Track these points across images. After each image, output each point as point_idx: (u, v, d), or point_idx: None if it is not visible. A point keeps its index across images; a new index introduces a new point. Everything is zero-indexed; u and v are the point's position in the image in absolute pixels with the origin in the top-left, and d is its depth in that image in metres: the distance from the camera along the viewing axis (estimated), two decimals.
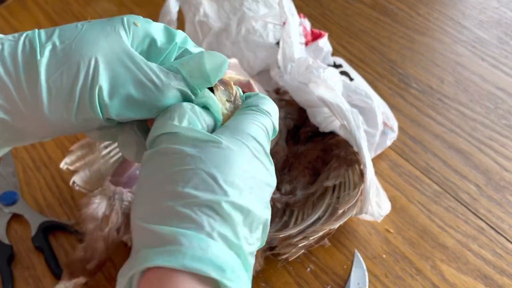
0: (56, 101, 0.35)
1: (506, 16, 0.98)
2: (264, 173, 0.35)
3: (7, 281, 0.65)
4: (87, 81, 0.34)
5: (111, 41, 0.35)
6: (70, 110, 0.35)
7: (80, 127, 0.37)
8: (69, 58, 0.34)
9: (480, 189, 0.73)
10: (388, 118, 0.77)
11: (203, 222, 0.32)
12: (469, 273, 0.64)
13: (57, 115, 0.35)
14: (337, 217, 0.63)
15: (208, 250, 0.31)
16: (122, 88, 0.35)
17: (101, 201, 0.65)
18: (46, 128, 0.36)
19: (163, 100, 0.36)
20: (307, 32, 0.78)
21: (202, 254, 0.31)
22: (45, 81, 0.34)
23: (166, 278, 0.31)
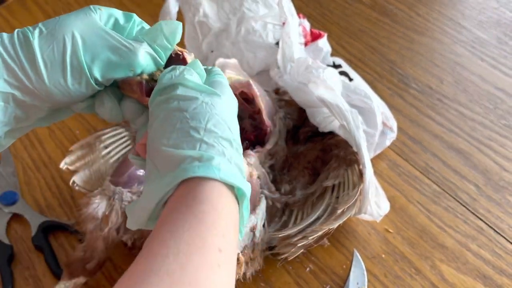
0: (52, 71, 0.44)
1: (505, 16, 0.98)
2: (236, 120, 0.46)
3: (7, 281, 0.65)
4: (74, 50, 0.44)
5: (85, 20, 0.45)
6: (65, 77, 0.44)
7: (77, 94, 0.45)
8: (55, 36, 0.44)
9: (480, 189, 0.73)
10: (388, 118, 0.77)
11: (224, 151, 0.42)
12: (468, 273, 0.64)
13: (56, 84, 0.44)
14: (336, 217, 0.63)
15: (230, 167, 0.41)
16: (101, 53, 0.44)
17: (101, 201, 0.65)
18: (49, 99, 0.44)
19: (136, 60, 0.45)
20: (307, 33, 0.78)
21: (228, 170, 0.41)
22: (41, 57, 0.43)
23: (202, 186, 0.40)
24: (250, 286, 0.64)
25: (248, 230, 0.62)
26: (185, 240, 0.37)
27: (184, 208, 0.39)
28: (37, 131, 0.83)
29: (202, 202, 0.39)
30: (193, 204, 0.39)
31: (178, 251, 0.37)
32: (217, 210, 0.39)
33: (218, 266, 0.37)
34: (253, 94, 0.68)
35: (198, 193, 0.40)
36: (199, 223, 0.38)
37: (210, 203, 0.39)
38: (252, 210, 0.64)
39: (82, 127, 0.83)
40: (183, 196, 0.40)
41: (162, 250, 0.37)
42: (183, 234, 0.37)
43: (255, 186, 0.64)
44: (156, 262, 0.36)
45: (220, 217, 0.40)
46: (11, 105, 0.44)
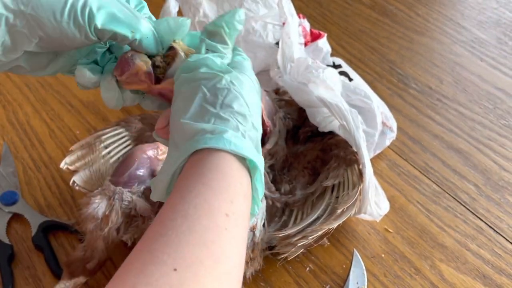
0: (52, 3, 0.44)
1: (505, 16, 0.98)
2: (259, 99, 0.49)
3: (7, 281, 0.65)
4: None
5: None
6: (62, 13, 0.45)
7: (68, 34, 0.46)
8: None
9: (479, 189, 0.73)
10: (387, 118, 0.77)
11: (238, 125, 0.44)
12: (468, 273, 0.65)
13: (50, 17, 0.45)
14: (336, 216, 0.63)
15: (243, 141, 0.43)
16: (108, 8, 0.46)
17: (101, 201, 0.65)
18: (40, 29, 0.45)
19: (139, 25, 0.47)
20: (307, 33, 0.78)
21: (240, 143, 0.43)
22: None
23: (212, 156, 0.42)
24: (250, 286, 0.64)
25: (248, 230, 0.62)
26: (193, 204, 0.39)
27: (194, 176, 0.41)
28: (37, 131, 0.83)
29: (211, 170, 0.41)
30: (202, 172, 0.41)
31: (186, 214, 0.38)
32: (225, 178, 0.41)
33: (226, 229, 0.39)
34: None
35: (207, 162, 0.42)
36: (207, 189, 0.40)
37: (218, 171, 0.41)
38: None
39: (82, 127, 0.83)
40: (194, 166, 0.42)
41: (171, 214, 0.39)
42: (191, 199, 0.39)
43: None
44: (165, 225, 0.38)
45: (229, 185, 0.41)
46: (2, 29, 0.45)
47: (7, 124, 0.84)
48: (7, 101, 0.88)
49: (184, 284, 0.35)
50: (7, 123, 0.84)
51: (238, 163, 0.43)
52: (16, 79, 0.91)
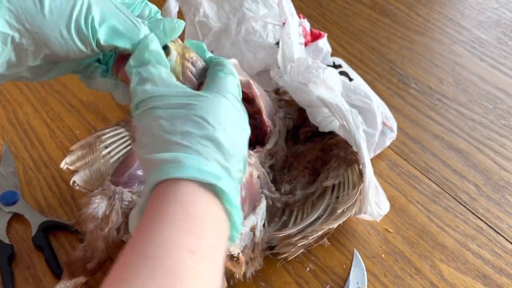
0: (57, 21, 0.45)
1: (505, 16, 0.98)
2: (241, 120, 0.46)
3: (8, 281, 0.65)
4: (82, 11, 0.45)
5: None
6: (68, 30, 0.45)
7: (73, 49, 0.46)
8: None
9: (479, 189, 0.73)
10: (387, 118, 0.77)
11: (199, 149, 0.41)
12: (468, 273, 0.65)
13: (56, 34, 0.45)
14: (336, 216, 0.63)
15: (207, 165, 0.41)
16: (110, 21, 0.46)
17: (101, 201, 0.65)
18: (46, 47, 0.46)
19: (140, 36, 0.47)
20: (307, 33, 0.78)
21: (202, 167, 0.40)
22: (49, 5, 0.44)
23: (172, 187, 0.40)
24: (250, 285, 0.64)
25: (248, 230, 0.62)
26: (154, 243, 0.37)
27: (154, 210, 0.39)
28: (37, 131, 0.83)
29: (170, 202, 0.39)
30: (161, 206, 0.39)
31: (147, 255, 0.36)
32: (185, 209, 0.39)
33: (191, 268, 0.36)
34: (253, 94, 0.68)
35: (167, 194, 0.40)
36: (168, 224, 0.38)
37: (178, 202, 0.39)
38: (252, 210, 0.64)
39: (82, 127, 0.83)
40: (154, 199, 0.40)
41: (133, 255, 0.37)
42: (151, 237, 0.37)
43: (255, 186, 0.64)
44: (126, 268, 0.36)
45: (192, 217, 0.39)
46: (8, 47, 0.46)
47: (7, 124, 0.84)
48: (7, 101, 0.88)
49: None
50: (7, 123, 0.84)
51: (203, 189, 0.40)
52: None
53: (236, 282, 0.63)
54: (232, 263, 0.59)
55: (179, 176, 0.40)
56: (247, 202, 0.62)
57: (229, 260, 0.59)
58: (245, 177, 0.62)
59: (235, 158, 0.43)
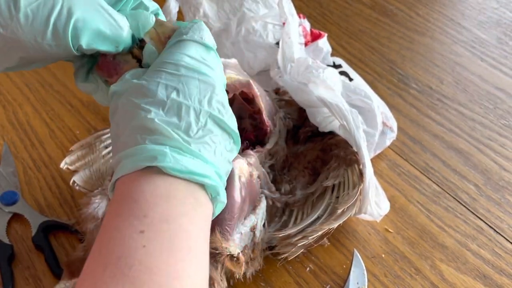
0: (32, 26, 0.43)
1: (505, 16, 0.98)
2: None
3: (8, 281, 0.65)
4: (61, 15, 0.43)
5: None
6: (44, 35, 0.43)
7: (51, 53, 0.45)
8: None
9: (479, 189, 0.73)
10: (388, 118, 0.77)
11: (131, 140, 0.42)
12: (468, 273, 0.65)
13: (31, 39, 0.43)
14: (336, 216, 0.63)
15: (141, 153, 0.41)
16: (93, 23, 0.44)
17: (101, 201, 0.65)
18: (22, 50, 0.44)
19: (123, 37, 0.46)
20: (307, 33, 0.78)
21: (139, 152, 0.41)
22: (24, 9, 0.42)
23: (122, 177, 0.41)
24: (250, 285, 0.64)
25: (248, 230, 0.62)
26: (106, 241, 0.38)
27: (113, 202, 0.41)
28: (37, 131, 0.83)
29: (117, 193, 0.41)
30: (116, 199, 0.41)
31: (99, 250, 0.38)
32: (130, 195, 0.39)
33: (143, 246, 0.36)
34: (253, 94, 0.68)
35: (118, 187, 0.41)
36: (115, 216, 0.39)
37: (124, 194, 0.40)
38: (252, 210, 0.64)
39: (82, 127, 0.83)
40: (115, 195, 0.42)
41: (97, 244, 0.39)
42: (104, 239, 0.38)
43: (255, 186, 0.64)
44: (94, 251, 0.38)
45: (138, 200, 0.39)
46: None
47: (7, 124, 0.84)
48: (7, 101, 0.88)
49: None
50: (7, 123, 0.84)
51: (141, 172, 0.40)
52: (16, 79, 0.91)
53: (236, 282, 0.63)
54: (232, 263, 0.59)
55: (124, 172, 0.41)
56: (247, 202, 0.62)
57: (229, 260, 0.59)
58: (245, 177, 0.62)
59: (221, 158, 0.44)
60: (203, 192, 0.42)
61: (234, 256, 0.59)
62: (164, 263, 0.36)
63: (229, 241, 0.59)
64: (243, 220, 0.62)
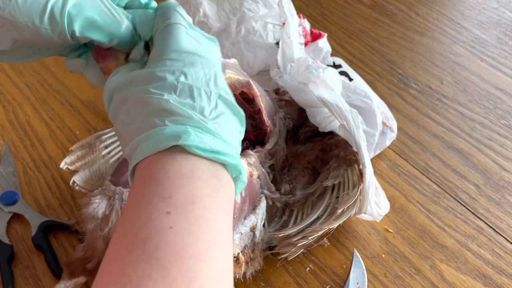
0: (30, 9, 0.43)
1: (505, 16, 0.98)
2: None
3: (7, 281, 0.65)
4: (58, 1, 0.44)
5: None
6: (41, 19, 0.44)
7: (46, 38, 0.45)
8: None
9: (479, 189, 0.73)
10: (388, 118, 0.77)
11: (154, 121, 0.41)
12: (468, 273, 0.65)
13: (28, 22, 0.44)
14: (336, 216, 0.63)
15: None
16: (88, 12, 0.45)
17: (101, 201, 0.65)
18: (17, 32, 0.45)
19: (119, 30, 0.46)
20: (307, 33, 0.78)
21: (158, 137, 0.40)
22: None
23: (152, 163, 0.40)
24: (250, 285, 0.64)
25: (248, 230, 0.62)
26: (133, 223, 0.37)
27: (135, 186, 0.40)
28: (37, 131, 0.83)
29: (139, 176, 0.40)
30: (138, 182, 0.40)
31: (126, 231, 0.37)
32: (153, 177, 0.39)
33: (170, 228, 0.36)
34: (253, 94, 0.68)
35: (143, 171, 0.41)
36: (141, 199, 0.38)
37: (147, 176, 0.39)
38: (252, 210, 0.64)
39: (82, 127, 0.83)
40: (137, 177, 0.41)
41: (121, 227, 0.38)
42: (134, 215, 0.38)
43: (255, 186, 0.64)
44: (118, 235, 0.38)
45: (162, 181, 0.38)
46: None
47: (7, 124, 0.84)
48: (7, 101, 0.88)
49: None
50: (7, 123, 0.84)
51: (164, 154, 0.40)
52: (16, 79, 0.91)
53: (236, 282, 0.63)
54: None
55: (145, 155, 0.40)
56: (247, 202, 0.62)
57: None
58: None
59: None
60: (225, 172, 0.42)
61: (234, 256, 0.59)
62: (191, 245, 0.36)
63: None
64: (243, 220, 0.62)
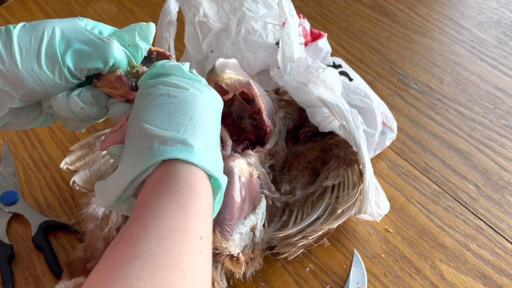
0: (26, 57, 0.45)
1: (505, 16, 0.98)
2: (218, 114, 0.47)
3: (8, 281, 0.65)
4: (51, 40, 0.46)
5: (69, 22, 0.47)
6: (39, 63, 0.46)
7: (49, 83, 0.46)
8: (36, 28, 0.46)
9: (479, 189, 0.73)
10: (387, 118, 0.77)
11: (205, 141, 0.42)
12: (468, 273, 0.65)
13: (28, 70, 0.45)
14: (336, 216, 0.63)
15: (210, 158, 0.42)
16: (76, 44, 0.46)
17: None
18: (21, 85, 0.46)
19: (109, 51, 0.47)
20: (307, 33, 0.78)
21: (208, 159, 0.41)
22: (17, 44, 0.45)
23: (184, 171, 0.40)
24: (250, 285, 0.64)
25: (248, 230, 0.62)
26: (168, 225, 0.37)
27: (166, 192, 0.40)
28: (38, 131, 0.83)
29: (185, 187, 0.40)
30: (175, 189, 0.40)
31: (161, 236, 0.37)
32: (199, 197, 0.40)
33: (200, 252, 0.38)
34: (253, 94, 0.68)
35: (180, 177, 0.40)
36: (182, 209, 0.39)
37: (192, 189, 0.40)
38: (252, 210, 0.64)
39: None
40: (164, 179, 0.40)
41: (144, 235, 0.37)
42: (165, 220, 0.38)
43: (255, 186, 0.64)
44: (139, 246, 0.36)
45: (201, 205, 0.40)
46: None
47: None
48: None
49: None
50: None
51: (207, 180, 0.42)
52: None
53: (236, 282, 0.63)
54: (232, 263, 0.59)
55: (191, 160, 0.41)
56: (247, 202, 0.62)
57: (229, 260, 0.59)
58: (245, 177, 0.62)
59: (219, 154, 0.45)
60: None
61: (234, 256, 0.59)
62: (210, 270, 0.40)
63: (229, 241, 0.59)
64: (243, 220, 0.62)
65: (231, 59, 0.70)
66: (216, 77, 0.63)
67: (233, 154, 0.63)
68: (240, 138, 0.69)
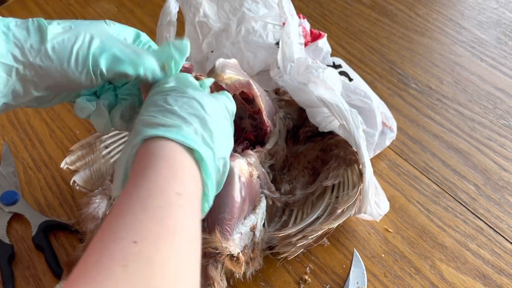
0: (58, 55, 0.49)
1: (505, 16, 0.98)
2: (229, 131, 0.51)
3: (8, 281, 0.65)
4: (83, 45, 0.49)
5: (99, 27, 0.51)
6: (69, 61, 0.49)
7: (75, 80, 0.50)
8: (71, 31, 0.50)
9: (479, 189, 0.73)
10: (387, 118, 0.77)
11: (192, 123, 0.46)
12: (468, 273, 0.65)
13: (57, 66, 0.49)
14: (336, 216, 0.63)
15: (193, 135, 0.45)
16: (110, 50, 0.50)
17: (102, 201, 0.65)
18: (49, 78, 0.49)
19: (142, 61, 0.50)
20: (307, 33, 0.78)
21: (189, 135, 0.45)
22: (51, 42, 0.49)
23: (161, 145, 0.44)
24: (250, 285, 0.64)
25: (248, 230, 0.62)
26: (145, 187, 0.41)
27: (144, 163, 0.43)
28: (38, 130, 0.83)
29: (159, 157, 0.43)
30: (151, 160, 0.43)
31: (139, 196, 0.40)
32: (173, 165, 0.43)
33: (179, 206, 0.41)
34: (253, 94, 0.68)
35: (156, 150, 0.44)
36: (157, 174, 0.42)
37: (166, 158, 0.43)
38: (252, 210, 0.64)
39: (82, 127, 0.83)
40: (144, 154, 0.44)
41: (126, 199, 0.41)
42: (143, 183, 0.41)
43: (255, 186, 0.64)
44: (122, 208, 0.40)
45: (177, 171, 0.43)
46: (12, 78, 0.49)
47: (7, 124, 0.84)
48: None
49: (145, 253, 0.36)
50: (7, 123, 0.84)
51: (187, 154, 0.44)
52: None
53: (236, 282, 0.63)
54: (232, 263, 0.59)
55: (166, 135, 0.44)
56: (247, 202, 0.62)
57: (229, 260, 0.59)
58: (245, 177, 0.62)
59: (219, 149, 0.47)
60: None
61: (234, 256, 0.59)
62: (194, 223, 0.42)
63: (229, 241, 0.59)
64: (243, 220, 0.62)
65: (231, 59, 0.70)
66: (216, 77, 0.63)
67: (233, 154, 0.63)
68: (240, 138, 0.69)
